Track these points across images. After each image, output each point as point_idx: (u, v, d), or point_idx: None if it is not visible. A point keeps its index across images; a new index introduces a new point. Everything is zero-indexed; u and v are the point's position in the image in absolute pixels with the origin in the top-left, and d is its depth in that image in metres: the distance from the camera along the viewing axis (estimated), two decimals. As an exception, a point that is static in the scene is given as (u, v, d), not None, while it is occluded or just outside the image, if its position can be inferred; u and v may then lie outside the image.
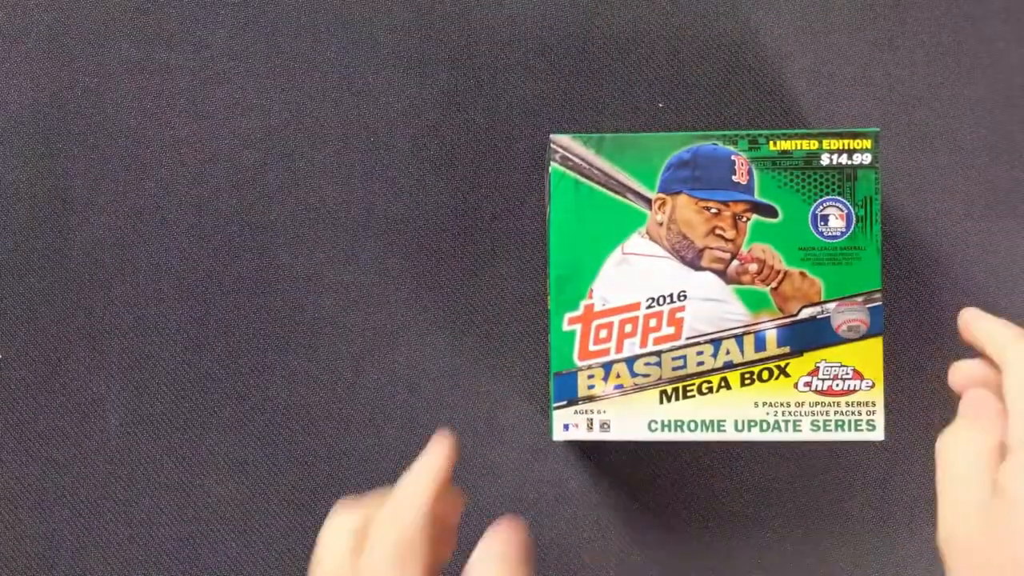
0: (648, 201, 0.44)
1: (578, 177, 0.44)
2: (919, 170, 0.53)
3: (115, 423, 0.52)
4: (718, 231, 0.43)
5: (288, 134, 0.52)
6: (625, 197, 0.44)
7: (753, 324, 0.43)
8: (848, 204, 0.43)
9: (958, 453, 0.37)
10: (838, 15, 0.53)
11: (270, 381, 0.52)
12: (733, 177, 0.43)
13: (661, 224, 0.44)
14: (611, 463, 0.52)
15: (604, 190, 0.44)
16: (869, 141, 0.43)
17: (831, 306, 0.43)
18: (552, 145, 0.44)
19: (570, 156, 0.44)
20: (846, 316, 0.43)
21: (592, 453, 0.52)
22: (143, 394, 0.52)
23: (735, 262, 0.43)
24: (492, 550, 0.37)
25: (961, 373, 0.40)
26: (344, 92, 0.52)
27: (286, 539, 0.52)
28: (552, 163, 0.44)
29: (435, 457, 0.37)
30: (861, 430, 0.44)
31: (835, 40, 0.53)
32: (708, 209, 0.43)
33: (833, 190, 0.43)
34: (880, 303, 0.43)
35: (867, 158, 0.43)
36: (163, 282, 0.52)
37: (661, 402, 0.44)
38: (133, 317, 0.52)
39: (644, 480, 0.51)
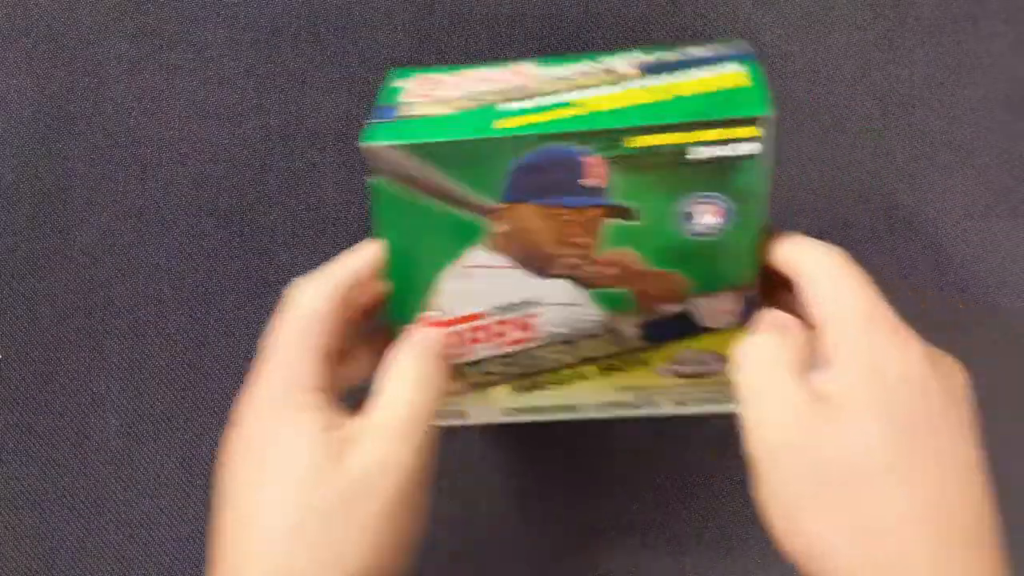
0: (486, 211, 0.38)
1: (403, 190, 0.38)
2: (919, 170, 0.54)
3: (115, 423, 0.52)
4: (569, 238, 0.38)
5: (288, 134, 0.52)
6: (460, 208, 0.38)
7: (612, 323, 0.40)
8: (724, 199, 0.36)
9: (765, 358, 0.35)
10: (838, 15, 0.53)
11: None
12: (584, 180, 0.37)
13: (504, 235, 0.38)
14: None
15: (435, 202, 0.38)
16: (755, 128, 0.35)
17: (699, 301, 0.39)
18: (367, 156, 0.37)
19: (391, 167, 0.37)
20: (717, 307, 0.39)
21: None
22: (143, 394, 0.53)
23: (590, 268, 0.38)
24: (409, 340, 0.39)
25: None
26: (344, 92, 0.52)
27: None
28: (371, 177, 0.37)
29: (360, 253, 0.40)
30: (724, 404, 0.41)
31: (835, 40, 0.53)
32: (556, 216, 0.38)
33: (707, 185, 0.36)
34: (754, 293, 0.38)
35: (753, 147, 0.35)
36: (163, 282, 0.52)
37: (515, 394, 0.42)
38: (133, 317, 0.52)
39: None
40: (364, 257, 0.40)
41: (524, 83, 0.40)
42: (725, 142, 0.35)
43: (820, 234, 0.38)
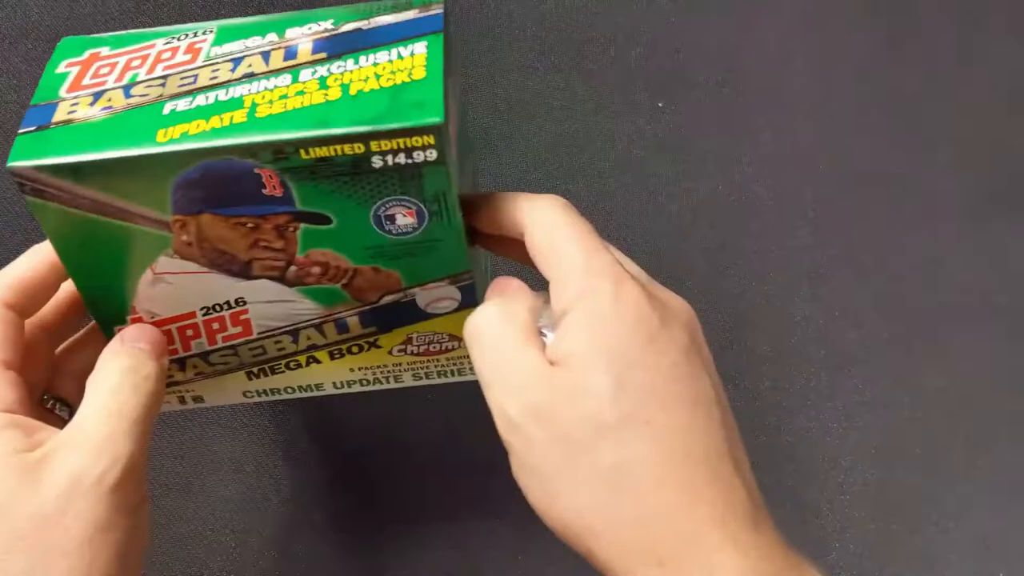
0: (166, 224, 0.35)
1: (67, 208, 0.34)
2: (919, 170, 0.54)
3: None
4: (262, 243, 0.36)
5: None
6: (134, 222, 0.35)
7: (330, 314, 0.38)
8: (415, 201, 0.35)
9: (494, 329, 0.34)
10: (838, 15, 0.53)
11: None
12: (264, 191, 0.34)
13: (190, 244, 0.36)
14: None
15: (105, 219, 0.34)
16: (430, 137, 0.33)
17: (415, 291, 0.38)
18: (16, 178, 0.33)
19: (45, 188, 0.34)
20: (433, 295, 0.38)
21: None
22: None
23: (292, 267, 0.37)
24: (109, 346, 0.36)
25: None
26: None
27: (286, 539, 0.52)
28: (26, 196, 0.34)
29: (13, 264, 0.37)
30: (465, 375, 0.40)
31: (835, 40, 0.53)
32: (243, 224, 0.35)
33: (394, 191, 0.35)
34: (470, 281, 0.37)
35: (431, 154, 0.34)
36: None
37: (250, 379, 0.40)
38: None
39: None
40: (32, 259, 0.37)
41: (195, 67, 0.37)
42: (403, 151, 0.33)
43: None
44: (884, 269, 0.54)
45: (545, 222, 0.34)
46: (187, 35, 0.38)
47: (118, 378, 0.35)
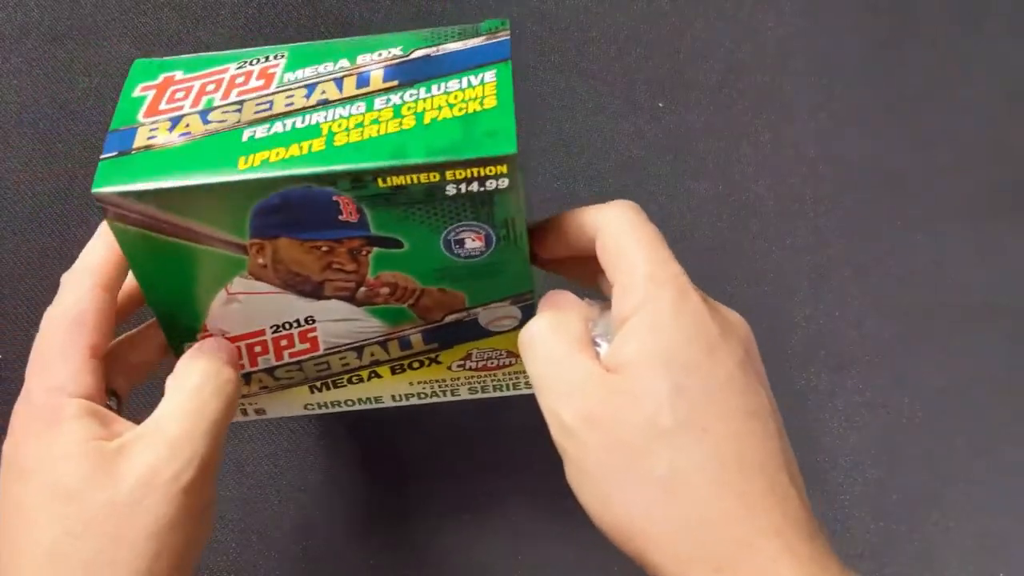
0: (243, 247, 0.36)
1: (147, 232, 0.35)
2: (919, 170, 0.54)
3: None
4: (335, 266, 0.37)
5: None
6: (213, 246, 0.36)
7: (394, 332, 0.39)
8: (485, 227, 0.36)
9: (549, 338, 0.34)
10: (838, 15, 0.53)
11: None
12: (340, 216, 0.36)
13: (265, 266, 0.37)
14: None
15: (184, 242, 0.36)
16: (503, 167, 0.34)
17: (478, 310, 0.39)
18: (98, 202, 0.34)
19: (127, 212, 0.35)
20: (495, 314, 0.39)
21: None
22: (143, 394, 0.52)
23: (363, 289, 0.38)
24: (192, 349, 0.37)
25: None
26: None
27: (286, 539, 0.52)
28: (109, 220, 0.35)
29: (97, 247, 0.37)
30: (520, 389, 0.41)
31: (835, 40, 0.53)
32: (318, 248, 0.36)
33: (466, 216, 0.36)
34: (531, 302, 0.38)
35: (503, 183, 0.35)
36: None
37: (312, 392, 0.41)
38: (133, 317, 0.52)
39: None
40: (111, 242, 0.37)
41: (269, 93, 0.37)
42: (476, 179, 0.35)
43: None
44: (884, 269, 0.54)
45: (615, 226, 0.35)
46: (258, 60, 0.39)
47: (199, 380, 0.35)
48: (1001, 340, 0.54)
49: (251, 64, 0.39)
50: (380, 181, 0.34)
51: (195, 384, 0.35)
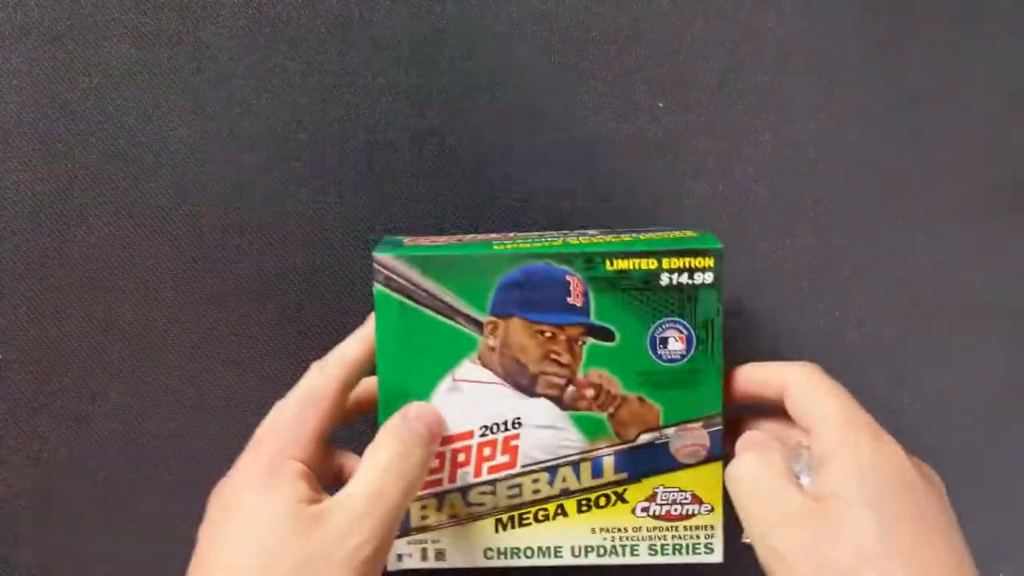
0: (479, 325, 0.42)
1: (404, 300, 0.42)
2: (919, 170, 0.54)
3: (115, 423, 0.52)
4: (553, 356, 0.42)
5: (289, 135, 0.52)
6: (455, 321, 0.42)
7: (590, 451, 0.43)
8: (688, 326, 0.41)
9: (758, 474, 0.38)
10: (838, 15, 0.53)
11: (270, 381, 0.52)
12: (568, 299, 0.41)
13: (493, 349, 0.42)
14: None
15: (433, 313, 0.42)
16: (711, 259, 0.41)
17: (670, 431, 0.42)
18: (375, 265, 0.41)
19: (395, 277, 0.41)
20: (685, 441, 0.42)
21: None
22: (143, 394, 0.52)
23: (571, 388, 0.42)
24: (392, 419, 0.40)
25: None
26: (345, 93, 0.52)
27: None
28: (376, 284, 0.41)
29: (352, 345, 0.42)
30: (699, 553, 0.44)
31: (835, 40, 0.53)
32: (542, 333, 0.42)
33: (673, 311, 0.41)
34: (720, 427, 0.42)
35: (708, 277, 0.41)
36: (163, 283, 0.52)
37: (496, 531, 0.43)
38: (133, 318, 0.52)
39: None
40: (363, 345, 0.42)
41: (512, 237, 0.45)
42: (687, 271, 0.41)
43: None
44: (884, 269, 0.54)
45: (806, 383, 0.40)
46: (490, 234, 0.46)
47: (386, 459, 0.38)
48: (1001, 340, 0.54)
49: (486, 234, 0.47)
50: (608, 263, 0.41)
51: (382, 463, 0.38)
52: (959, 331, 0.54)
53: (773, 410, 0.42)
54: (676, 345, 0.42)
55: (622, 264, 0.41)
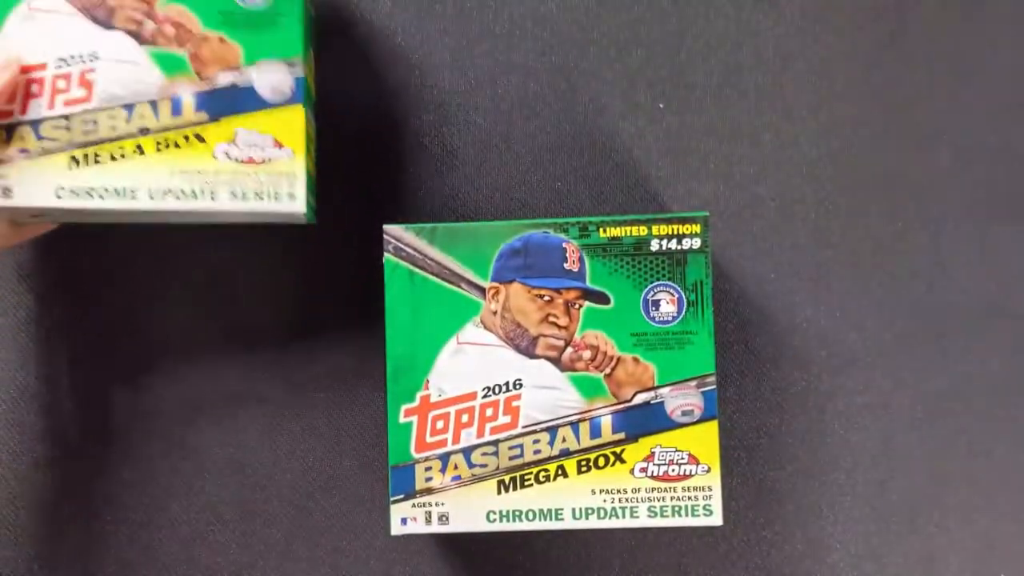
0: (482, 290, 0.44)
1: (412, 268, 0.44)
2: (919, 170, 0.54)
3: (115, 423, 0.52)
4: (551, 319, 0.44)
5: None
6: (459, 287, 0.44)
7: (588, 411, 0.44)
8: (679, 289, 0.44)
9: None
10: (838, 15, 0.53)
11: (270, 382, 0.52)
12: (564, 265, 0.44)
13: (495, 313, 0.44)
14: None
15: (438, 280, 0.44)
16: (698, 226, 0.44)
17: (665, 391, 0.44)
18: (385, 236, 0.44)
19: (403, 247, 0.44)
20: (680, 401, 0.44)
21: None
22: (143, 394, 0.52)
23: (569, 349, 0.44)
24: None
25: None
26: (344, 93, 0.52)
27: (286, 539, 0.52)
28: (386, 254, 0.44)
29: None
30: (698, 515, 0.45)
31: (835, 40, 0.53)
32: (541, 297, 0.44)
33: (663, 275, 0.44)
34: (713, 387, 0.44)
35: (696, 242, 0.44)
36: (165, 283, 0.52)
37: (499, 492, 0.45)
38: (134, 318, 0.52)
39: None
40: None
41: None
42: (675, 236, 0.44)
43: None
44: (885, 270, 0.54)
45: None
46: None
47: None
48: (1001, 341, 0.54)
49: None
50: (601, 231, 0.44)
51: None
52: (959, 332, 0.54)
53: None
54: (668, 307, 0.44)
55: (614, 231, 0.44)
